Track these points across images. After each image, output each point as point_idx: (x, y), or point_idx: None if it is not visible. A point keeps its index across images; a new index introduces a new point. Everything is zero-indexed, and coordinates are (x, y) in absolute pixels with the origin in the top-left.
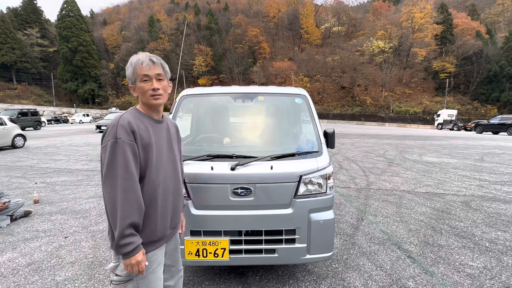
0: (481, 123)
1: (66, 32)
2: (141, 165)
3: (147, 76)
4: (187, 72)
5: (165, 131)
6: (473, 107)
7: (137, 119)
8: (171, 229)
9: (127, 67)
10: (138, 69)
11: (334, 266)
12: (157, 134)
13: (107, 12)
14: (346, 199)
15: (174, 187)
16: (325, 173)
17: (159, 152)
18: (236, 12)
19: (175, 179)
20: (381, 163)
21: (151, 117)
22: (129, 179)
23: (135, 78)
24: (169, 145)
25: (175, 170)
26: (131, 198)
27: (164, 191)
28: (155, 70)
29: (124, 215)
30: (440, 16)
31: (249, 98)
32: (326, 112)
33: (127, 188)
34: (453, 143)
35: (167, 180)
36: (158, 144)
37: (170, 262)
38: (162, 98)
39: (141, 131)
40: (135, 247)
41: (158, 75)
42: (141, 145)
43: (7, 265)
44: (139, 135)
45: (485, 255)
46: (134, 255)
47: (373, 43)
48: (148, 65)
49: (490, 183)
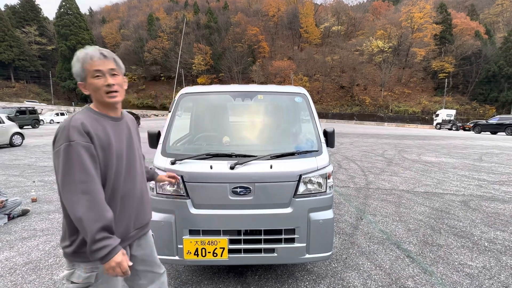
0: (479, 123)
1: (64, 30)
2: (100, 168)
3: (100, 72)
4: (186, 71)
5: (125, 128)
6: (472, 107)
7: (92, 119)
8: (135, 230)
9: (73, 63)
10: (88, 64)
11: (333, 265)
12: (117, 133)
13: (106, 10)
14: (345, 199)
15: (137, 186)
16: (325, 172)
17: (119, 152)
18: (236, 11)
19: (138, 177)
20: (380, 162)
21: (107, 115)
22: (90, 181)
23: (85, 75)
24: (130, 143)
25: (137, 168)
26: (95, 201)
27: (126, 192)
28: (107, 65)
29: (92, 220)
30: (439, 16)
31: (248, 97)
32: (325, 111)
33: (89, 191)
34: (451, 143)
35: (129, 180)
36: (118, 144)
37: (144, 267)
38: (119, 95)
39: (97, 131)
40: (110, 249)
41: (112, 70)
42: (99, 147)
43: (4, 264)
44: (96, 136)
45: (484, 254)
46: (112, 258)
47: (373, 43)
48: (100, 59)
49: (488, 183)
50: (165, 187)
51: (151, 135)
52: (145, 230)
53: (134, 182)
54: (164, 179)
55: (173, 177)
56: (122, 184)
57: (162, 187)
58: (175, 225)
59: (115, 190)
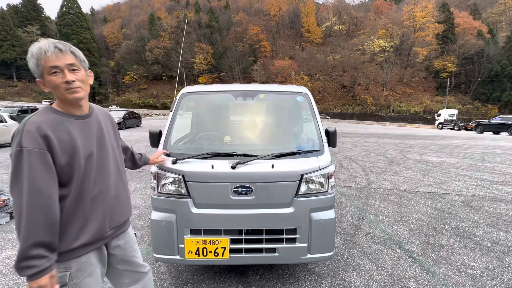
0: (482, 123)
1: (66, 30)
2: (64, 170)
3: (57, 68)
4: (188, 70)
5: (95, 125)
6: (474, 107)
7: (53, 120)
8: (112, 229)
9: (28, 58)
10: (43, 60)
11: (335, 265)
12: (84, 133)
13: (108, 9)
14: (347, 198)
15: (110, 185)
16: (327, 172)
17: (88, 153)
18: (237, 10)
19: (112, 175)
20: (381, 162)
21: (72, 114)
22: (36, 194)
23: (42, 72)
24: (101, 141)
25: (111, 166)
26: (36, 217)
27: (98, 192)
28: (64, 59)
29: (28, 234)
30: (441, 15)
31: (250, 96)
32: (326, 111)
33: (32, 205)
34: (454, 142)
35: (101, 180)
36: (86, 145)
37: (125, 267)
38: (81, 90)
39: (59, 134)
40: (37, 271)
41: (71, 65)
42: (61, 150)
43: (6, 263)
44: (56, 140)
45: (486, 255)
46: (35, 280)
47: (374, 42)
48: (55, 54)
49: (491, 183)
50: (167, 186)
51: (152, 134)
52: (123, 229)
53: (107, 181)
54: (155, 161)
55: (159, 155)
56: (93, 185)
57: (163, 186)
58: (176, 224)
59: (84, 192)
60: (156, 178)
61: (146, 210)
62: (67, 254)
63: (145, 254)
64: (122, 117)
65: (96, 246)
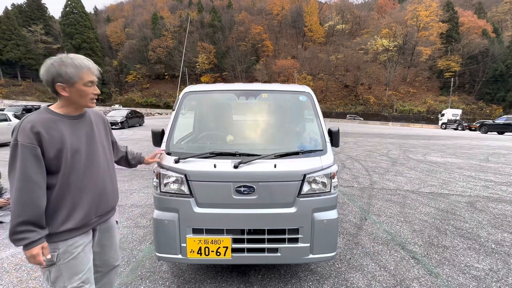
0: (486, 123)
1: (70, 29)
2: (53, 163)
3: (92, 83)
4: (190, 69)
5: (86, 125)
6: (478, 107)
7: (47, 119)
8: (97, 217)
9: (66, 65)
10: (85, 74)
11: (337, 266)
12: (75, 132)
13: (111, 9)
14: (349, 199)
15: (98, 178)
16: (330, 172)
17: (76, 149)
18: (240, 9)
19: (101, 169)
20: (384, 162)
21: (67, 115)
22: (25, 181)
23: (76, 80)
24: (91, 139)
25: (101, 161)
26: (25, 200)
27: (85, 184)
28: (96, 77)
29: (17, 214)
30: (445, 14)
31: (252, 95)
32: (329, 110)
33: (22, 189)
34: (457, 143)
35: (89, 174)
36: (75, 142)
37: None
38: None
39: (51, 131)
40: (28, 242)
41: (95, 82)
42: (52, 144)
43: (10, 260)
44: (48, 136)
45: (491, 257)
46: (28, 249)
47: (377, 42)
48: (96, 74)
49: (495, 184)
50: (169, 185)
51: (154, 133)
52: (107, 217)
53: (95, 174)
54: (150, 161)
55: (156, 155)
56: (81, 177)
57: (166, 185)
58: (179, 223)
59: (71, 183)
60: (159, 177)
61: (148, 209)
62: (55, 236)
63: (148, 253)
64: (125, 116)
65: (82, 231)
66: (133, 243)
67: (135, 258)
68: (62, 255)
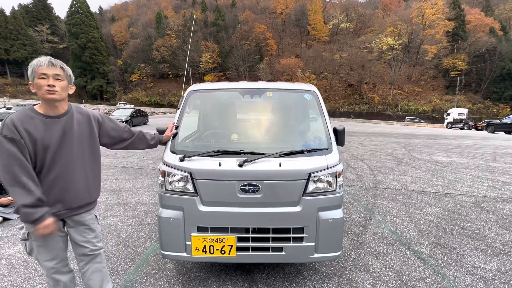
0: (493, 123)
1: (75, 29)
2: (32, 155)
3: (45, 75)
4: (194, 69)
5: (64, 124)
6: (485, 106)
7: (26, 116)
8: (65, 210)
9: (29, 66)
10: (38, 68)
11: (342, 265)
12: (49, 129)
13: (116, 8)
14: (354, 198)
15: (66, 173)
16: (335, 171)
17: (46, 145)
18: (243, 8)
19: (74, 165)
20: (389, 162)
21: (45, 114)
22: (13, 165)
23: (34, 76)
24: (67, 136)
25: (74, 157)
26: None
27: (54, 177)
28: (54, 70)
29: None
30: (452, 12)
31: (257, 94)
32: (333, 110)
33: (11, 172)
34: (463, 142)
35: (56, 168)
36: (47, 138)
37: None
38: (57, 94)
39: (27, 126)
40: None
41: (56, 75)
42: (28, 138)
43: (18, 257)
44: (24, 131)
45: (498, 258)
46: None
47: (382, 40)
48: (47, 66)
49: (503, 184)
50: (174, 184)
51: (160, 132)
52: (79, 211)
53: (65, 169)
54: (168, 135)
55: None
56: (48, 170)
57: (171, 183)
58: (184, 222)
59: (41, 174)
60: (164, 175)
61: (153, 207)
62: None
63: (152, 251)
64: (129, 115)
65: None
66: (138, 241)
67: (140, 256)
68: (32, 234)
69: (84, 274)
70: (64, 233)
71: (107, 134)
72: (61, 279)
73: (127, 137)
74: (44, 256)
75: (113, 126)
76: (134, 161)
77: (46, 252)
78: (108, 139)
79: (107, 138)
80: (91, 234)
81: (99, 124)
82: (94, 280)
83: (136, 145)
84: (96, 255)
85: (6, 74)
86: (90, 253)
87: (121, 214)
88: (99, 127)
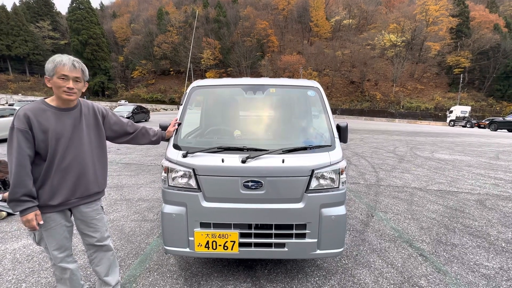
0: (496, 120)
1: (76, 25)
2: (40, 146)
3: (66, 76)
4: (195, 65)
5: (74, 116)
6: (488, 104)
7: (39, 109)
8: (76, 198)
9: (48, 62)
10: (59, 68)
11: (344, 262)
12: (61, 121)
13: (117, 4)
14: (356, 195)
15: (77, 163)
16: (338, 167)
17: (59, 135)
18: (245, 4)
19: (84, 155)
20: (391, 159)
21: (57, 107)
22: (19, 157)
23: (53, 74)
24: (77, 127)
25: (85, 148)
26: (22, 173)
27: (66, 167)
28: (75, 73)
29: (15, 184)
30: (456, 8)
31: (260, 90)
32: (334, 107)
33: (15, 163)
34: (466, 140)
35: (68, 158)
36: (58, 128)
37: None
38: (75, 95)
39: (39, 118)
40: (23, 208)
41: (76, 77)
42: (40, 130)
43: (22, 251)
44: (37, 122)
45: (501, 255)
46: (24, 215)
47: (385, 37)
48: (69, 68)
49: (506, 182)
50: (177, 179)
51: (162, 128)
52: (87, 200)
53: (77, 159)
54: (171, 130)
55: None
56: (61, 160)
57: (174, 179)
58: (187, 217)
59: (53, 164)
60: (167, 171)
61: (155, 203)
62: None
63: (155, 246)
64: (131, 112)
65: (60, 209)
66: (141, 236)
67: (143, 251)
68: (41, 224)
69: (93, 261)
70: (71, 224)
71: (110, 127)
72: (68, 267)
73: (130, 131)
74: (53, 245)
75: (117, 120)
76: (136, 158)
77: (53, 240)
78: (112, 132)
79: (110, 131)
80: (98, 224)
81: (103, 116)
82: (101, 266)
83: (139, 140)
84: (103, 244)
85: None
86: (98, 243)
87: (124, 209)
88: (103, 120)
